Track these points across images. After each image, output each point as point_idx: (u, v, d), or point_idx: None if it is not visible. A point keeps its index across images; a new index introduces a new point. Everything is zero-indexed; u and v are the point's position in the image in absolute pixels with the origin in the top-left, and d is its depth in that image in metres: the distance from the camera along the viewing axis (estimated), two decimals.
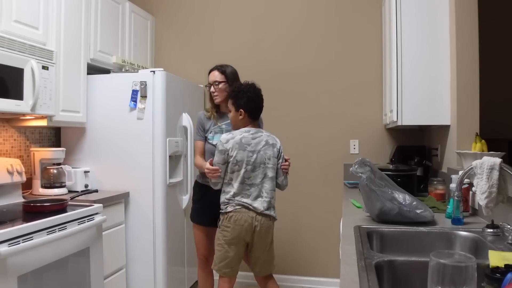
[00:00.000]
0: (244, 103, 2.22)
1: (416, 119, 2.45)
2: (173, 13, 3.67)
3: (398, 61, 2.45)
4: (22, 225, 1.75)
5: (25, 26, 2.22)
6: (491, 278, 1.02)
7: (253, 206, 2.16)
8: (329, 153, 3.38)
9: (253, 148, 2.18)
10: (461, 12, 2.28)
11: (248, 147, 2.18)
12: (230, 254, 2.18)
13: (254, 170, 2.18)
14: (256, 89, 2.27)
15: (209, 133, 2.44)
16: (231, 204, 2.18)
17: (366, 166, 1.76)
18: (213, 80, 2.42)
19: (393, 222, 1.71)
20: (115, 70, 2.96)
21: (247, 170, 2.16)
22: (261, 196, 2.19)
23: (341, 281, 1.07)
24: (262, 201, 2.19)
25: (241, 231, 2.16)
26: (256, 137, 2.22)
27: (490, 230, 1.52)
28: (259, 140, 2.22)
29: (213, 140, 2.39)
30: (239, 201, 2.16)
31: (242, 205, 2.16)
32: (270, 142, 2.25)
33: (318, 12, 3.39)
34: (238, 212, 2.15)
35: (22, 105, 2.14)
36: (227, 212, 2.18)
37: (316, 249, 3.39)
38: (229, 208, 2.18)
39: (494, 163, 1.49)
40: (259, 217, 2.17)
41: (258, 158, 2.18)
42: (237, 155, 2.15)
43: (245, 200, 2.16)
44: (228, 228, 2.17)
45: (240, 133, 2.20)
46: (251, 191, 2.18)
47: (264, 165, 2.21)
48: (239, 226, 2.15)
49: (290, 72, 3.44)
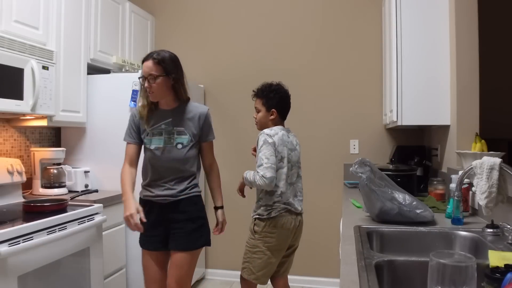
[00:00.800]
0: (276, 103, 2.19)
1: (416, 119, 2.45)
2: (173, 13, 3.67)
3: (398, 61, 2.45)
4: (22, 225, 1.75)
5: (25, 26, 2.22)
6: (491, 278, 1.02)
7: (295, 207, 2.15)
8: (329, 153, 3.38)
9: (290, 146, 2.17)
10: (461, 12, 2.28)
11: (288, 145, 2.15)
12: (272, 261, 2.12)
13: (292, 169, 2.16)
14: (285, 88, 2.25)
15: (145, 135, 1.97)
16: (276, 209, 2.09)
17: (366, 166, 1.76)
18: (147, 73, 1.90)
19: (393, 222, 1.71)
20: (115, 70, 2.96)
21: (288, 168, 2.13)
22: (297, 196, 2.20)
23: (341, 281, 1.08)
24: (298, 200, 2.19)
25: (288, 236, 2.12)
26: (290, 136, 2.22)
27: (490, 230, 1.52)
28: (292, 139, 2.23)
29: (151, 145, 1.94)
30: (285, 201, 2.10)
31: (286, 208, 2.11)
32: (298, 141, 2.29)
33: (318, 12, 3.39)
34: (283, 216, 2.10)
35: (22, 105, 2.14)
36: (270, 217, 2.08)
37: (316, 249, 3.39)
38: (274, 213, 2.08)
39: (494, 163, 1.49)
40: (299, 217, 2.19)
41: (293, 157, 2.18)
42: (282, 151, 2.10)
43: (290, 200, 2.13)
44: (273, 234, 2.09)
45: (280, 130, 2.16)
46: (291, 190, 2.15)
47: (298, 163, 2.23)
48: (287, 230, 2.10)
49: (290, 72, 3.44)
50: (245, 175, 2.17)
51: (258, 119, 2.26)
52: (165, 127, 1.95)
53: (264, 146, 2.06)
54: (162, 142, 1.94)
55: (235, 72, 3.54)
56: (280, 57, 3.46)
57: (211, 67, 3.59)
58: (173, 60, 1.97)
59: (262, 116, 2.23)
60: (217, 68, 3.57)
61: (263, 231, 2.10)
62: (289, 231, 2.12)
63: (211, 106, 3.58)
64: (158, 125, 1.95)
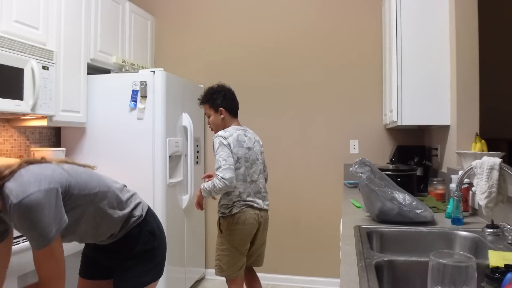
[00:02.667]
0: (221, 102, 2.26)
1: (416, 119, 2.45)
2: (173, 13, 3.67)
3: (398, 61, 2.45)
4: None
5: (25, 26, 2.22)
6: (491, 278, 1.02)
7: (257, 202, 2.19)
8: (329, 153, 3.38)
9: (247, 145, 2.21)
10: (461, 12, 2.28)
11: (244, 144, 2.20)
12: (239, 256, 2.18)
13: (251, 167, 2.21)
14: (227, 87, 2.33)
15: None
16: (237, 206, 2.16)
17: (366, 166, 1.76)
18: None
19: (393, 222, 1.71)
20: (115, 70, 2.96)
21: (247, 167, 2.18)
22: (260, 192, 2.25)
23: (341, 281, 1.07)
24: (261, 196, 2.25)
25: (251, 230, 2.17)
26: (247, 134, 2.27)
27: (490, 230, 1.52)
28: (250, 137, 2.27)
29: None
30: (245, 200, 2.16)
31: (247, 205, 2.17)
32: (257, 138, 2.33)
33: (318, 12, 3.39)
34: (245, 212, 2.15)
35: (22, 105, 2.14)
36: (232, 214, 2.15)
37: (316, 249, 3.39)
38: (235, 209, 2.15)
39: (494, 163, 1.49)
40: (262, 213, 2.23)
41: (252, 155, 2.22)
42: (238, 152, 2.15)
43: (250, 198, 2.18)
44: (236, 231, 2.15)
45: (234, 130, 2.20)
46: (251, 188, 2.20)
47: (258, 160, 2.26)
48: (249, 225, 2.16)
49: (290, 72, 3.44)
50: (202, 187, 2.18)
51: (211, 123, 2.32)
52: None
53: (220, 148, 2.10)
54: None
55: (235, 73, 3.54)
56: (280, 57, 3.46)
57: (211, 67, 3.59)
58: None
59: (213, 118, 2.30)
60: (217, 68, 3.57)
61: (227, 229, 2.16)
62: (251, 226, 2.17)
63: None
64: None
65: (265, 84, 3.48)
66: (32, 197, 1.17)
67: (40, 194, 1.19)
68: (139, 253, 1.52)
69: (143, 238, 1.53)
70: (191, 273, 3.19)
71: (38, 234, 1.19)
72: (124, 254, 1.52)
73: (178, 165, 2.97)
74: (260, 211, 2.22)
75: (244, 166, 2.17)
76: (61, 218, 1.25)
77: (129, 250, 1.51)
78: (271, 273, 3.41)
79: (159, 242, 1.58)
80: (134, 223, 1.51)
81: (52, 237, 1.22)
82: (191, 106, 3.21)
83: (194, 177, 3.16)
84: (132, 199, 1.56)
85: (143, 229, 1.53)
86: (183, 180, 3.01)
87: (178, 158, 2.97)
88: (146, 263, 1.53)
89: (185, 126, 3.03)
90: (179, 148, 2.93)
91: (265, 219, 2.27)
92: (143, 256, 1.53)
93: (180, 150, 2.95)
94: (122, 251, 1.51)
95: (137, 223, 1.52)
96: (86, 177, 1.40)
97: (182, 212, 3.03)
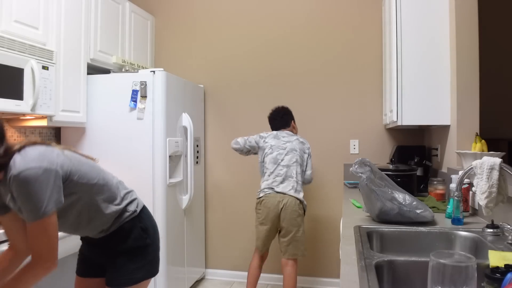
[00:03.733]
0: (270, 121, 2.90)
1: (416, 119, 2.45)
2: (173, 13, 3.67)
3: (398, 61, 2.45)
4: None
5: (25, 26, 2.22)
6: (491, 278, 1.02)
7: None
8: (329, 153, 3.38)
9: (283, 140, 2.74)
10: (461, 12, 2.28)
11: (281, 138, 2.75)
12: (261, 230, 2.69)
13: (287, 154, 2.69)
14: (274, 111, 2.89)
15: None
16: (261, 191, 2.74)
17: (366, 166, 1.76)
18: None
19: (393, 222, 1.71)
20: (115, 70, 2.96)
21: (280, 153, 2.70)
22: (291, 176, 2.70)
23: (341, 281, 1.07)
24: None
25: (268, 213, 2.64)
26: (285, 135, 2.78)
27: (490, 230, 1.52)
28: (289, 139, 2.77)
29: None
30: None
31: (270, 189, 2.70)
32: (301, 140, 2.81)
33: (318, 12, 3.39)
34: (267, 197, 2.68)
35: (22, 105, 2.14)
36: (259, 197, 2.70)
37: (316, 249, 3.39)
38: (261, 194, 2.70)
39: (494, 163, 1.49)
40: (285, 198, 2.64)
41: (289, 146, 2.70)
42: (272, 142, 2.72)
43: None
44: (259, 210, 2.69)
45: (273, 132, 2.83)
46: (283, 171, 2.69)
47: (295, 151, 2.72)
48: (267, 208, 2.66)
49: (290, 71, 3.44)
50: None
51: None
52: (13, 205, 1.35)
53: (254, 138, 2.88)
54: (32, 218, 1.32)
55: (235, 72, 3.54)
56: (279, 57, 3.46)
57: (211, 67, 3.59)
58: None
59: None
60: (217, 68, 3.57)
61: (256, 207, 2.69)
62: (268, 209, 2.58)
63: (211, 106, 3.59)
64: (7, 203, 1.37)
65: (265, 84, 3.48)
66: (31, 171, 1.23)
67: (40, 170, 1.25)
68: (131, 248, 1.52)
69: (135, 234, 1.53)
70: (191, 273, 3.19)
71: (33, 206, 1.24)
72: (116, 248, 1.51)
73: (178, 165, 2.97)
74: (282, 195, 2.58)
75: (277, 151, 2.66)
76: (58, 198, 1.30)
77: (121, 244, 1.51)
78: (271, 273, 3.42)
79: (152, 240, 1.58)
80: (127, 218, 1.52)
81: (47, 211, 1.26)
82: (191, 106, 3.21)
83: (194, 177, 3.16)
84: (128, 196, 1.57)
85: (136, 225, 1.54)
86: (183, 180, 3.01)
87: (178, 158, 2.97)
88: (137, 260, 1.53)
89: (185, 126, 3.03)
90: (179, 148, 2.93)
91: (286, 205, 2.56)
92: (134, 252, 1.53)
93: (180, 150, 2.95)
94: (114, 245, 1.51)
95: (130, 218, 1.53)
96: (87, 168, 1.43)
97: (182, 212, 3.03)
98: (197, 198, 3.35)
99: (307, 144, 2.78)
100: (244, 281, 3.47)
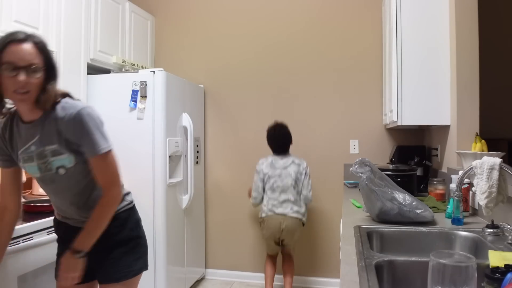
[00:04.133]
0: (270, 144, 2.90)
1: (416, 119, 2.45)
2: (173, 13, 3.67)
3: (398, 61, 2.45)
4: (22, 225, 1.75)
5: (25, 26, 2.21)
6: (491, 278, 1.02)
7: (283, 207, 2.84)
8: (329, 153, 3.38)
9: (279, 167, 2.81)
10: (461, 12, 2.28)
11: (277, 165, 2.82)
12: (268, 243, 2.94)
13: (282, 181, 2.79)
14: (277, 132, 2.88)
15: (17, 159, 1.46)
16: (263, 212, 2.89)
17: (366, 166, 1.76)
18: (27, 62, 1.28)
19: (393, 222, 1.71)
20: (115, 70, 2.96)
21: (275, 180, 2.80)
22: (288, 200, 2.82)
23: (341, 281, 1.07)
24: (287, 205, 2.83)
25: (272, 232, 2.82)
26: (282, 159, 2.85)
27: (490, 230, 1.52)
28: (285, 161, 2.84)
29: (28, 172, 1.45)
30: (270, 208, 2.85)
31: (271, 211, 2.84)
32: (296, 161, 2.84)
33: (318, 12, 3.39)
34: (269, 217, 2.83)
35: None
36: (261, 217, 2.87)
37: (316, 249, 3.39)
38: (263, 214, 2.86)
39: (494, 163, 1.49)
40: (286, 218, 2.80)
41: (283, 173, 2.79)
42: (269, 172, 2.81)
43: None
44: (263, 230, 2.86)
45: (271, 156, 2.88)
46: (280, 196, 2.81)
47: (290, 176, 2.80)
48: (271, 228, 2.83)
49: (290, 71, 3.44)
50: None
51: None
52: (35, 148, 1.39)
53: (254, 173, 2.91)
54: (37, 171, 1.41)
55: (235, 72, 3.54)
56: (279, 57, 3.46)
57: (211, 67, 3.59)
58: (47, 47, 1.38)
59: None
60: (217, 68, 3.57)
61: (261, 225, 2.86)
62: (270, 230, 2.77)
63: (211, 106, 3.59)
64: (26, 147, 1.40)
65: (265, 84, 3.48)
66: (87, 109, 1.37)
67: (91, 110, 1.38)
68: (127, 238, 1.53)
69: (130, 224, 1.55)
70: (191, 273, 3.19)
71: (96, 139, 1.36)
72: (112, 238, 1.49)
73: (178, 165, 2.97)
74: (282, 217, 2.74)
75: (274, 179, 2.77)
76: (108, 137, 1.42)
77: (118, 232, 1.50)
78: None
79: (143, 233, 1.62)
80: (124, 207, 1.54)
81: (108, 144, 1.41)
82: (191, 106, 3.21)
83: (194, 177, 3.16)
84: (125, 188, 1.60)
85: (131, 215, 1.57)
86: (183, 180, 3.01)
87: (178, 158, 2.97)
88: (134, 252, 1.54)
89: (185, 126, 3.03)
90: (179, 148, 2.93)
91: (287, 225, 2.73)
92: (130, 243, 1.53)
93: (180, 150, 2.95)
94: (110, 234, 1.47)
95: (127, 208, 1.55)
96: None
97: (182, 212, 3.03)
98: (197, 198, 3.35)
99: (303, 164, 2.83)
100: (244, 281, 3.48)
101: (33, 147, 1.37)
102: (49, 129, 1.37)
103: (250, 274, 3.50)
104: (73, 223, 1.52)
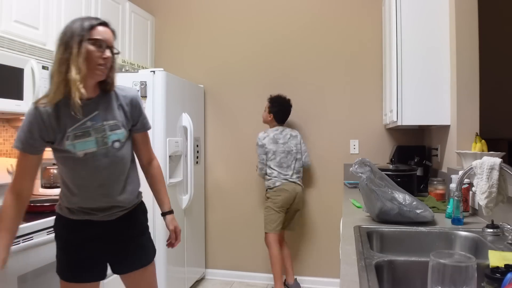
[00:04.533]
0: (276, 112, 3.07)
1: (416, 119, 2.45)
2: (173, 13, 3.67)
3: (398, 61, 2.45)
4: (22, 225, 1.75)
5: (25, 26, 2.22)
6: (491, 278, 1.02)
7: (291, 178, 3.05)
8: (329, 153, 3.38)
9: (282, 141, 3.03)
10: (461, 12, 2.28)
11: (279, 140, 3.02)
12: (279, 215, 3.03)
13: (287, 156, 3.02)
14: (287, 102, 3.11)
15: (64, 139, 1.45)
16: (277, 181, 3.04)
17: (366, 166, 1.76)
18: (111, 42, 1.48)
19: (393, 222, 1.71)
20: None
21: (282, 157, 3.01)
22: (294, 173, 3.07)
23: (341, 281, 1.07)
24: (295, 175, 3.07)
25: (288, 197, 3.03)
26: (283, 132, 3.06)
27: (490, 230, 1.52)
28: (286, 133, 3.06)
29: (76, 150, 1.46)
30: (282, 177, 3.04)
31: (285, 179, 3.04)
32: (294, 134, 3.08)
33: (318, 12, 3.39)
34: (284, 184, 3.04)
35: (22, 105, 2.14)
36: (275, 186, 3.02)
37: (316, 249, 3.39)
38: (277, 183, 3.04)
39: (494, 163, 1.49)
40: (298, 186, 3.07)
41: (287, 147, 3.02)
42: (273, 148, 3.00)
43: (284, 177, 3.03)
44: (278, 196, 3.01)
45: (272, 131, 3.04)
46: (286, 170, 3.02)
47: (292, 151, 3.04)
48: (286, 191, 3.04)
49: (289, 71, 3.44)
50: None
51: (262, 116, 3.20)
52: (92, 123, 1.48)
53: (256, 147, 3.08)
54: (94, 145, 1.48)
55: (235, 72, 3.54)
56: (280, 57, 3.46)
57: (211, 67, 3.59)
58: None
59: (265, 114, 3.15)
60: (217, 68, 3.57)
61: (271, 196, 2.99)
62: (288, 192, 2.97)
63: (211, 106, 3.59)
64: (83, 121, 1.47)
65: (265, 84, 3.48)
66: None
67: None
68: (148, 225, 1.74)
69: (147, 213, 1.77)
70: (191, 273, 3.19)
71: (147, 117, 1.69)
72: (142, 224, 1.69)
73: (178, 165, 2.97)
74: (296, 184, 3.02)
75: (280, 156, 2.99)
76: None
77: (144, 220, 1.72)
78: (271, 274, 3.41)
79: None
80: (141, 196, 1.73)
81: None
82: (191, 106, 3.21)
83: (194, 177, 3.16)
84: None
85: (143, 205, 1.76)
86: (183, 180, 3.01)
87: (178, 158, 2.97)
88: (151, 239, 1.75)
89: (185, 126, 3.03)
90: (179, 148, 2.93)
91: (299, 192, 3.04)
92: (148, 232, 1.74)
93: (180, 150, 2.95)
94: (140, 221, 1.69)
95: (141, 199, 1.74)
96: None
97: (182, 212, 3.03)
98: (197, 198, 3.35)
99: (299, 135, 3.11)
100: (244, 281, 3.47)
101: (89, 123, 1.48)
102: (109, 106, 1.54)
103: (250, 274, 3.50)
104: (97, 217, 1.55)
